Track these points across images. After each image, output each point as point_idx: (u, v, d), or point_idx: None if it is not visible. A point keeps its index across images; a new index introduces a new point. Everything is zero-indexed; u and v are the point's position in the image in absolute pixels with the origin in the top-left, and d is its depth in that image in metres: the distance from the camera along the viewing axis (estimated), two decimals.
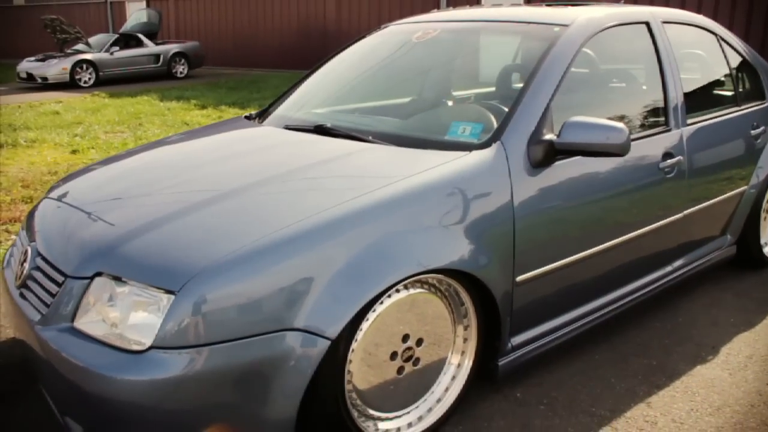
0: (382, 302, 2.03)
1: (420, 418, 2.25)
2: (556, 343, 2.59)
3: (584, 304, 2.70)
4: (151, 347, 1.74)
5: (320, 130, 2.69)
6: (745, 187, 3.48)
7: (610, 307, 2.81)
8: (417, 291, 2.12)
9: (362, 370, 2.04)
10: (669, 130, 2.98)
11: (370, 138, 2.52)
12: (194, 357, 1.73)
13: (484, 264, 2.17)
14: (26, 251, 2.25)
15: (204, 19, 20.71)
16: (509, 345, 2.40)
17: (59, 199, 2.42)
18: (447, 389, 2.30)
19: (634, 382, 2.62)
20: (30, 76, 14.83)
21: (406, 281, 2.03)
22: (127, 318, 1.81)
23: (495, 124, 2.46)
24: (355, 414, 2.06)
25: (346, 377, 1.99)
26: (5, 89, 14.42)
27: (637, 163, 2.75)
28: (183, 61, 16.84)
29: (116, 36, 16.20)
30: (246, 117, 3.27)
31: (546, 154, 2.38)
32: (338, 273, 1.88)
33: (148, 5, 20.91)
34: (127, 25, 16.98)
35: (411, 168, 2.21)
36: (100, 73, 15.15)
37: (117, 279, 1.86)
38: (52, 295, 1.98)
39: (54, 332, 1.89)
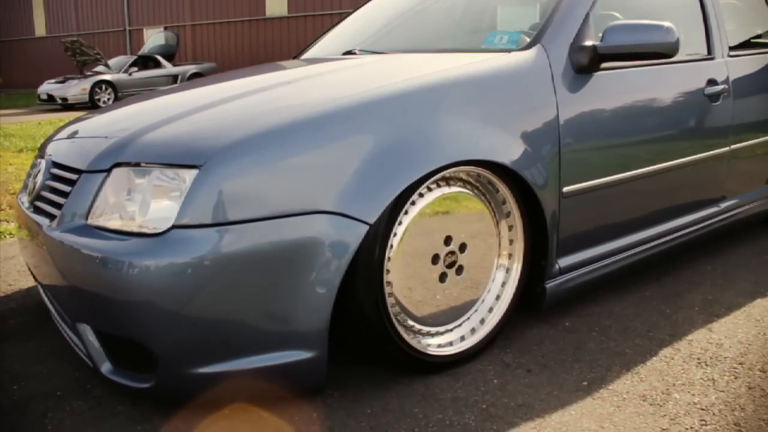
0: (422, 195, 1.87)
1: (462, 338, 2.06)
2: (604, 272, 2.40)
3: (631, 233, 2.51)
4: (171, 227, 1.59)
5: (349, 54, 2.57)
6: None
7: (658, 241, 2.62)
8: (457, 190, 1.95)
9: (403, 272, 1.86)
10: (713, 59, 2.83)
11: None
12: (216, 237, 1.56)
13: (529, 164, 2.00)
14: (39, 164, 2.12)
15: (221, 41, 20.93)
16: (556, 267, 2.22)
17: (77, 121, 2.31)
18: (491, 309, 2.12)
19: (691, 312, 2.42)
20: (50, 98, 14.98)
21: (446, 172, 1.87)
22: (147, 207, 1.65)
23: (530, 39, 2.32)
24: (396, 323, 1.88)
25: (385, 278, 1.82)
26: (25, 111, 14.55)
27: (682, 84, 2.61)
28: None
29: (135, 57, 16.38)
30: None
31: (590, 60, 2.23)
32: (375, 156, 1.72)
33: (165, 30, 21.17)
34: (146, 48, 17.17)
35: (448, 63, 2.07)
36: (119, 94, 15.27)
37: (137, 166, 1.71)
38: (66, 196, 1.83)
39: (66, 232, 1.73)
